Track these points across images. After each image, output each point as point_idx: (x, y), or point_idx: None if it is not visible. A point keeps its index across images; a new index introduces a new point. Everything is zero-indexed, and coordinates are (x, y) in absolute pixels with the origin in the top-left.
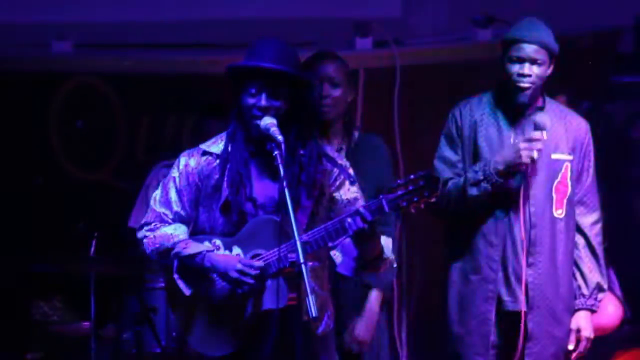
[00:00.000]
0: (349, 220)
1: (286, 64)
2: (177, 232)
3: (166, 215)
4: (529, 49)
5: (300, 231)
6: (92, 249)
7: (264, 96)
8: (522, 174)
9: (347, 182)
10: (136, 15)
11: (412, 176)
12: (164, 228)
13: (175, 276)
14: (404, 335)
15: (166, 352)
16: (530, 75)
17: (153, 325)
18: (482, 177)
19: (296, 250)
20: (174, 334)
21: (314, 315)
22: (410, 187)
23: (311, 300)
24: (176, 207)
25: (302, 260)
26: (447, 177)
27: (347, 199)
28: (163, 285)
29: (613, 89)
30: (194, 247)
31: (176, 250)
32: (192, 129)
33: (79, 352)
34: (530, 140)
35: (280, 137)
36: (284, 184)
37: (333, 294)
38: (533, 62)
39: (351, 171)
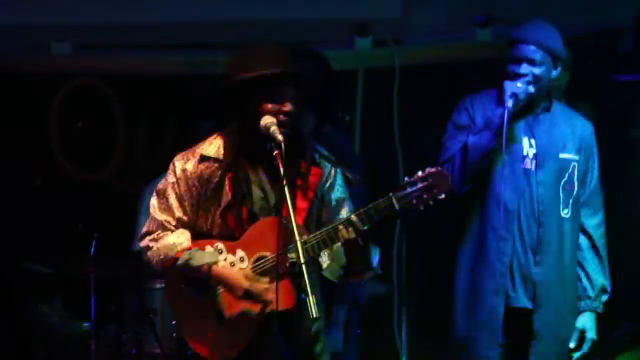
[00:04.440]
0: (355, 218)
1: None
2: (181, 239)
3: (168, 222)
4: (526, 49)
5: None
6: (92, 249)
7: (286, 100)
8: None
9: (336, 182)
10: (135, 17)
11: (420, 173)
12: (167, 237)
13: (183, 286)
14: (404, 333)
15: (166, 353)
16: (526, 75)
17: (153, 326)
18: (483, 127)
19: (297, 251)
20: (174, 334)
21: (314, 315)
22: (420, 185)
23: (312, 300)
24: (178, 213)
25: (302, 261)
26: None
27: (336, 199)
28: (162, 286)
29: (613, 88)
30: (198, 259)
31: (181, 260)
32: (185, 130)
33: (79, 352)
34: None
35: (280, 137)
36: (284, 182)
37: None
38: (531, 62)
39: (339, 170)
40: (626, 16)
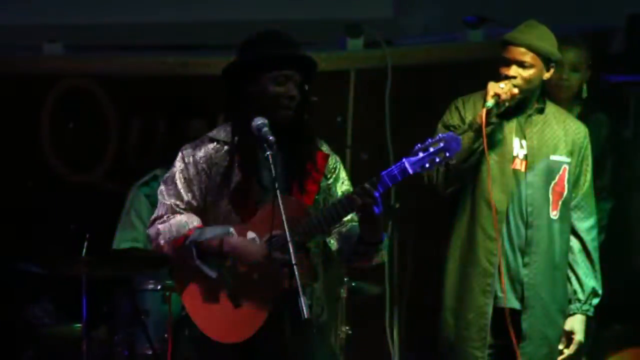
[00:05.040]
0: (368, 185)
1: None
2: (192, 219)
3: (177, 205)
4: (516, 51)
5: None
6: (84, 250)
7: (292, 85)
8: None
9: (340, 175)
10: (128, 17)
11: (429, 139)
12: (178, 217)
13: (198, 262)
14: (396, 333)
15: (158, 354)
16: (515, 77)
17: (145, 327)
18: (467, 128)
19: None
20: (165, 335)
21: (305, 317)
22: (431, 149)
23: (303, 301)
24: (187, 197)
25: (293, 262)
26: None
27: (342, 191)
28: (154, 287)
29: (605, 89)
30: (210, 232)
31: (192, 237)
32: (172, 129)
33: (70, 354)
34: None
35: (272, 138)
36: (276, 185)
37: None
38: (520, 64)
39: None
40: (618, 17)
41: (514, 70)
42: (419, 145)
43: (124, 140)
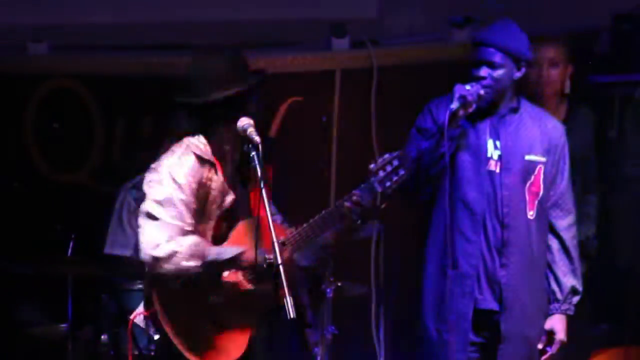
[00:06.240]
0: (347, 204)
1: None
2: (202, 239)
3: (182, 227)
4: (486, 52)
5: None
6: (70, 250)
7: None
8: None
9: None
10: (113, 17)
11: (380, 159)
12: (191, 238)
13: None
14: (382, 335)
15: (143, 355)
16: (485, 78)
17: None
18: (436, 132)
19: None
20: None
21: (291, 317)
22: (388, 168)
23: (289, 302)
24: (189, 219)
25: (279, 262)
26: None
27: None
28: (140, 287)
29: (589, 89)
30: (228, 252)
31: (211, 257)
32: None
33: (56, 354)
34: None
35: (257, 138)
36: (262, 184)
37: None
38: (490, 65)
39: None
40: (603, 17)
41: (484, 70)
42: (373, 165)
43: (109, 140)
